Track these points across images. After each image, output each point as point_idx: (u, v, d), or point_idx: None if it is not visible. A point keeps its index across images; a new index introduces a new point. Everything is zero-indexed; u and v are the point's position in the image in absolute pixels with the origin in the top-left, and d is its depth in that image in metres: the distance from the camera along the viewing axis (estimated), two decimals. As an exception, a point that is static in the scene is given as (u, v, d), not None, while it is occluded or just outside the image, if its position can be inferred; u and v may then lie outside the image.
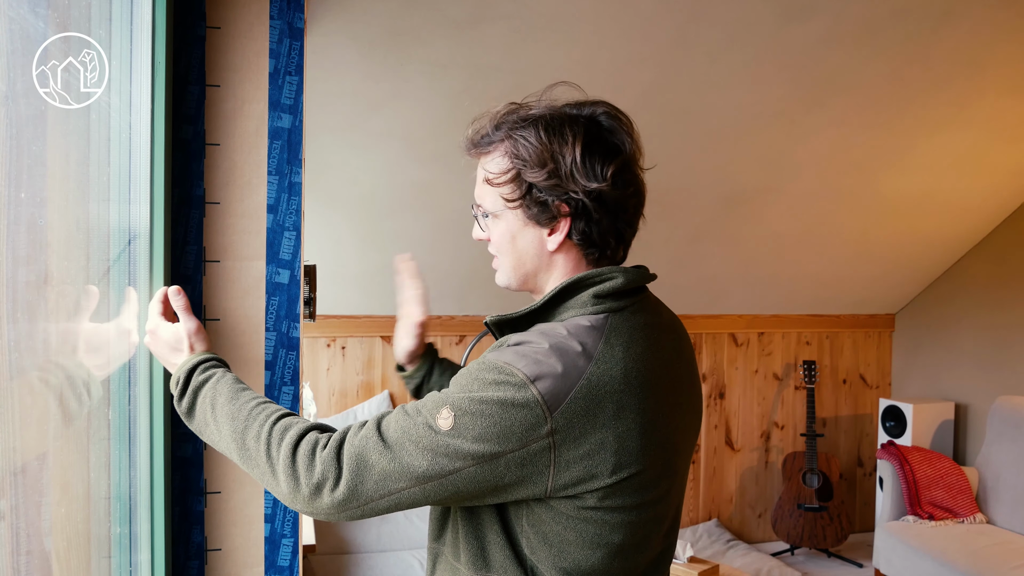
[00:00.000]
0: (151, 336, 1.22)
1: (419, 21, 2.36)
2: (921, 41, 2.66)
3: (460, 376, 1.02)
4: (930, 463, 3.68)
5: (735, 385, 4.41)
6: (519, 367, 0.98)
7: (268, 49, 1.43)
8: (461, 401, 0.98)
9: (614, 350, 1.01)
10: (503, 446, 0.96)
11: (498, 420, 0.96)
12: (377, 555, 3.18)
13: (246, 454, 1.05)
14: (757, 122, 3.00)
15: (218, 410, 1.09)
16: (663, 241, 3.54)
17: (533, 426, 0.96)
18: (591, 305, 1.06)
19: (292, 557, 1.47)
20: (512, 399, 0.96)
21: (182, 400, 1.14)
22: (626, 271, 1.08)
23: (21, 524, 0.92)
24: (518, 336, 1.05)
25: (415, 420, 0.99)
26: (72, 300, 1.09)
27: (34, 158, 0.95)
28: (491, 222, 1.12)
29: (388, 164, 2.97)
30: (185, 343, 1.19)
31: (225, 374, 1.15)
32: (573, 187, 1.04)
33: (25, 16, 0.92)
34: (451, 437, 0.97)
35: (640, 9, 2.39)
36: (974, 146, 3.32)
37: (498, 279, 1.16)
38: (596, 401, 0.98)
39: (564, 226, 1.07)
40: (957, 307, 4.21)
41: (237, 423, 1.07)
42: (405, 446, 0.98)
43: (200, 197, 1.41)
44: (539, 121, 1.07)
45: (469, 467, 0.97)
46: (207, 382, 1.13)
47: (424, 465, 0.97)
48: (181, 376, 1.16)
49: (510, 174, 1.07)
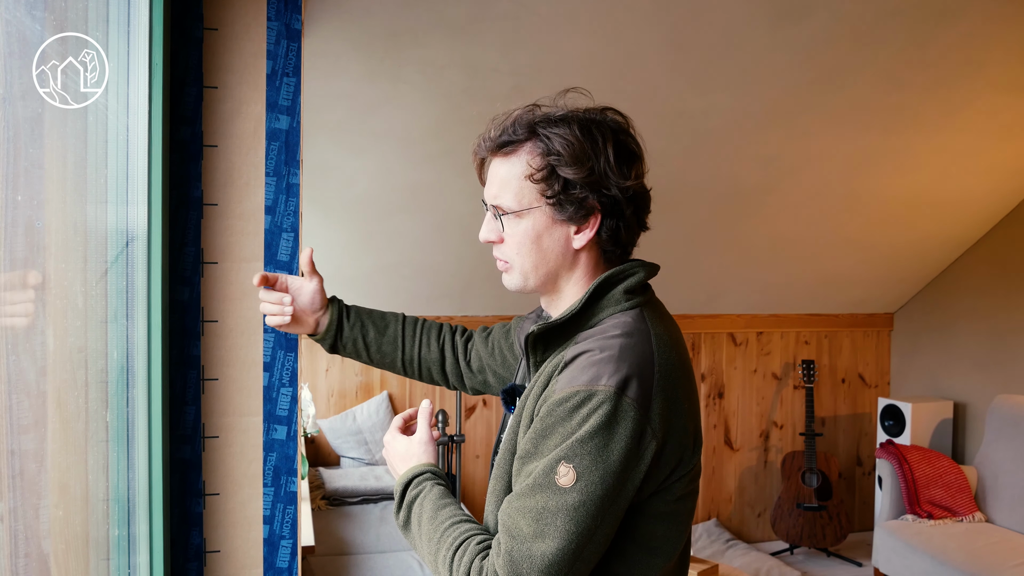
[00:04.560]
0: (385, 448, 1.24)
1: (416, 22, 2.36)
2: (919, 41, 2.66)
3: (547, 428, 1.01)
4: (929, 462, 3.68)
5: (734, 385, 4.41)
6: (603, 382, 0.98)
7: (265, 50, 1.43)
8: (570, 448, 0.97)
9: (662, 339, 1.06)
10: (628, 467, 0.98)
11: (612, 446, 0.97)
12: (376, 556, 3.18)
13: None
14: (755, 122, 3.00)
15: (423, 528, 1.10)
16: (661, 241, 3.54)
17: (640, 434, 0.99)
18: (624, 301, 1.09)
19: (291, 558, 1.47)
20: (612, 416, 0.97)
21: (399, 514, 1.15)
22: (643, 264, 1.13)
23: (19, 526, 0.92)
24: (572, 351, 1.05)
25: (538, 497, 0.98)
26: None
27: (31, 160, 0.95)
28: (511, 221, 1.11)
29: (386, 165, 2.97)
30: (414, 455, 1.19)
31: (432, 488, 1.13)
32: (607, 185, 1.07)
33: (21, 19, 0.92)
34: (580, 492, 0.97)
35: (638, 10, 2.39)
36: (972, 146, 3.32)
37: (511, 281, 1.15)
38: (671, 388, 1.03)
39: (594, 224, 1.09)
40: (956, 306, 4.22)
41: (432, 545, 1.07)
42: (548, 525, 0.97)
43: (198, 198, 1.41)
44: (570, 120, 1.09)
45: (610, 503, 0.98)
46: (417, 498, 1.13)
47: (574, 528, 0.96)
48: (398, 490, 1.16)
49: (544, 171, 1.07)
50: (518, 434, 1.08)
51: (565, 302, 1.15)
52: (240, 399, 1.44)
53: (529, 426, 1.06)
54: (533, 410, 1.06)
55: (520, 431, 1.07)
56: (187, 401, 1.41)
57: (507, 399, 1.19)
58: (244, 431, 1.44)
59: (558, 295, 1.15)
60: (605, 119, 1.11)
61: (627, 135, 1.11)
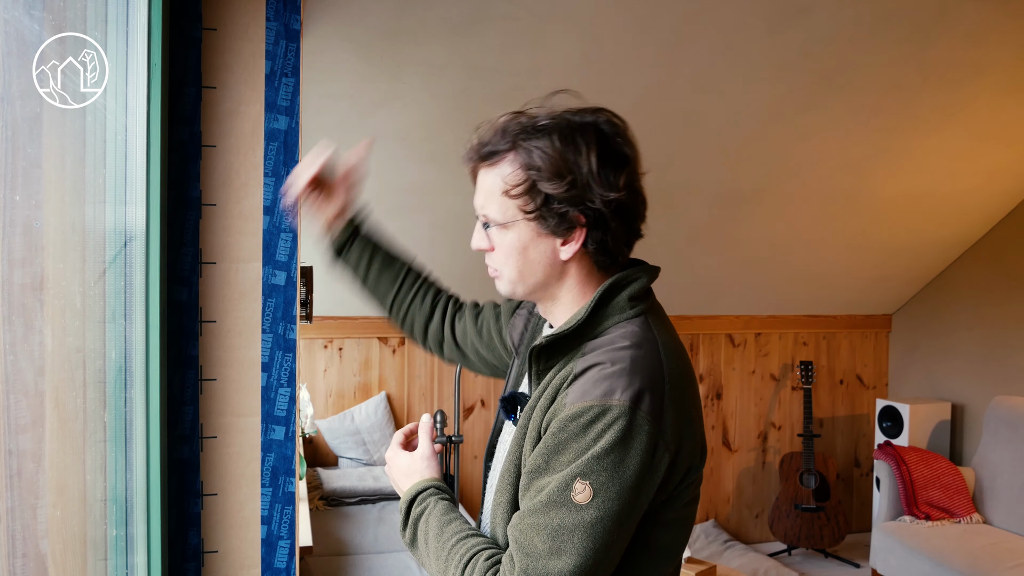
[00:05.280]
0: (388, 464, 1.22)
1: (415, 22, 2.36)
2: (917, 42, 2.66)
3: (559, 444, 0.99)
4: (927, 463, 3.68)
5: (732, 386, 4.41)
6: (616, 397, 0.97)
7: (264, 51, 1.43)
8: (586, 465, 0.97)
9: (668, 348, 1.05)
10: (643, 481, 0.98)
11: (628, 461, 0.97)
12: (374, 556, 3.18)
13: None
14: (754, 123, 3.01)
15: (430, 546, 1.09)
16: (660, 242, 3.54)
17: (654, 447, 0.98)
18: (628, 309, 1.07)
19: (289, 559, 1.47)
20: (628, 431, 0.97)
21: (405, 531, 1.14)
22: (645, 269, 1.11)
23: (17, 526, 0.92)
24: (582, 364, 1.04)
25: (553, 514, 0.97)
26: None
27: (30, 160, 0.95)
28: (497, 232, 1.09)
29: (384, 165, 2.97)
30: (417, 470, 1.18)
31: (437, 504, 1.12)
32: (590, 197, 1.03)
33: (20, 18, 0.92)
34: (597, 508, 0.96)
35: (637, 11, 2.39)
36: (971, 147, 3.33)
37: (501, 288, 1.14)
38: (681, 398, 1.02)
39: (579, 236, 1.06)
40: (954, 307, 4.22)
41: (440, 562, 1.06)
42: (564, 542, 0.96)
43: (196, 199, 1.41)
44: (551, 130, 1.04)
45: (626, 518, 0.98)
46: (423, 514, 1.12)
47: (591, 544, 0.96)
48: (403, 507, 1.15)
49: (524, 185, 1.04)
50: (523, 447, 1.06)
51: (562, 307, 1.13)
52: (238, 399, 1.44)
53: (536, 440, 1.04)
54: (540, 424, 1.04)
55: (526, 445, 1.06)
56: (185, 401, 1.41)
57: (507, 407, 1.17)
58: (242, 431, 1.44)
59: (553, 301, 1.14)
60: (594, 122, 1.06)
61: (616, 139, 1.06)
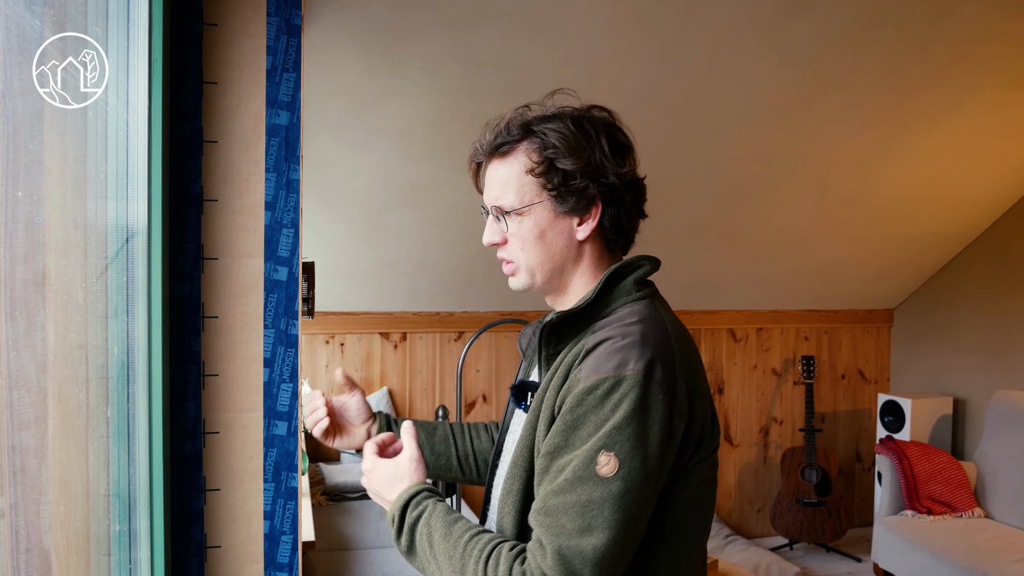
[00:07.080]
0: (367, 476, 1.17)
1: (416, 18, 2.35)
2: (919, 36, 2.65)
3: (577, 419, 0.99)
4: (928, 458, 3.68)
5: (733, 381, 4.42)
6: (630, 367, 0.99)
7: (265, 46, 1.43)
8: (608, 436, 0.97)
9: (674, 326, 1.08)
10: (664, 449, 0.99)
11: (649, 429, 0.98)
12: (377, 551, 3.19)
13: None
14: (755, 117, 3.00)
15: (436, 548, 1.05)
16: (661, 236, 3.54)
17: (670, 416, 1.00)
18: (635, 292, 1.11)
19: (292, 554, 1.48)
20: (644, 400, 0.98)
21: (400, 539, 1.10)
22: (649, 257, 1.15)
23: (20, 522, 0.92)
24: (592, 340, 1.05)
25: (580, 490, 0.96)
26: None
27: (31, 156, 0.95)
28: (514, 220, 1.12)
29: (386, 160, 2.97)
30: (405, 475, 1.14)
31: (436, 506, 1.09)
32: (604, 173, 1.10)
33: (21, 14, 0.92)
34: (624, 479, 0.96)
35: (637, 5, 2.39)
36: (972, 141, 3.32)
37: (518, 282, 1.15)
38: (690, 371, 1.05)
39: (596, 213, 1.12)
40: (955, 302, 4.22)
41: (455, 562, 1.03)
42: (595, 517, 0.96)
43: (198, 194, 1.41)
44: (563, 116, 1.12)
45: (652, 488, 0.99)
46: (420, 518, 1.09)
47: (621, 517, 0.96)
48: (396, 514, 1.11)
49: (544, 165, 1.10)
50: (537, 431, 1.06)
51: (573, 298, 1.15)
52: (240, 395, 1.44)
53: (550, 421, 1.04)
54: (554, 404, 1.04)
55: (540, 427, 1.05)
56: (187, 397, 1.42)
57: (518, 395, 1.17)
58: (244, 427, 1.45)
59: (565, 292, 1.16)
60: (597, 114, 1.14)
61: (616, 128, 1.14)
